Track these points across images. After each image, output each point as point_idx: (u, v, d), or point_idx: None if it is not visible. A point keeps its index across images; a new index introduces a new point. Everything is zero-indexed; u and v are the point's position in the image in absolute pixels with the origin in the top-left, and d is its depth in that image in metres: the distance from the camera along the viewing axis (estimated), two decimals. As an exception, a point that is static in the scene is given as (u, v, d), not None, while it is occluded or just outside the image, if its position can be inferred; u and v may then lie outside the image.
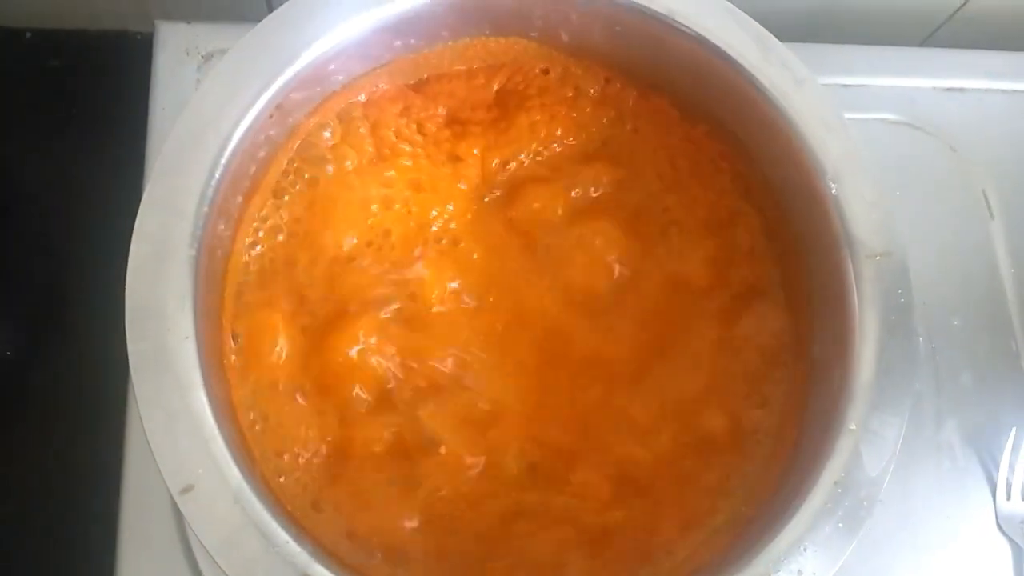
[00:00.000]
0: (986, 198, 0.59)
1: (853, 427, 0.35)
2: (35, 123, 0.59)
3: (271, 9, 0.59)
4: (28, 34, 0.61)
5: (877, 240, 0.37)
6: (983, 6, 0.65)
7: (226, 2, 0.59)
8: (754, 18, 0.62)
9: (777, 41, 0.39)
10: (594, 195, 0.44)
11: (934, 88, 0.61)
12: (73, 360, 0.53)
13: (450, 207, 0.43)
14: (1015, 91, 0.62)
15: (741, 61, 0.39)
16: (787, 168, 0.39)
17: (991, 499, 0.52)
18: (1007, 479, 0.52)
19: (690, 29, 0.39)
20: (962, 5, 0.65)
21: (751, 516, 0.37)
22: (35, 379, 0.53)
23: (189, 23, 0.54)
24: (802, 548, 0.33)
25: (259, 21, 0.44)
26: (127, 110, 0.53)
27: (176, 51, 0.53)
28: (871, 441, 0.35)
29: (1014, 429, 0.52)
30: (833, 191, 0.38)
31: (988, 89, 0.62)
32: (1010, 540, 0.51)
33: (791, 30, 0.63)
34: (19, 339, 0.54)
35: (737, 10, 0.40)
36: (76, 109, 0.59)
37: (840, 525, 0.34)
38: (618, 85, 0.45)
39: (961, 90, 0.62)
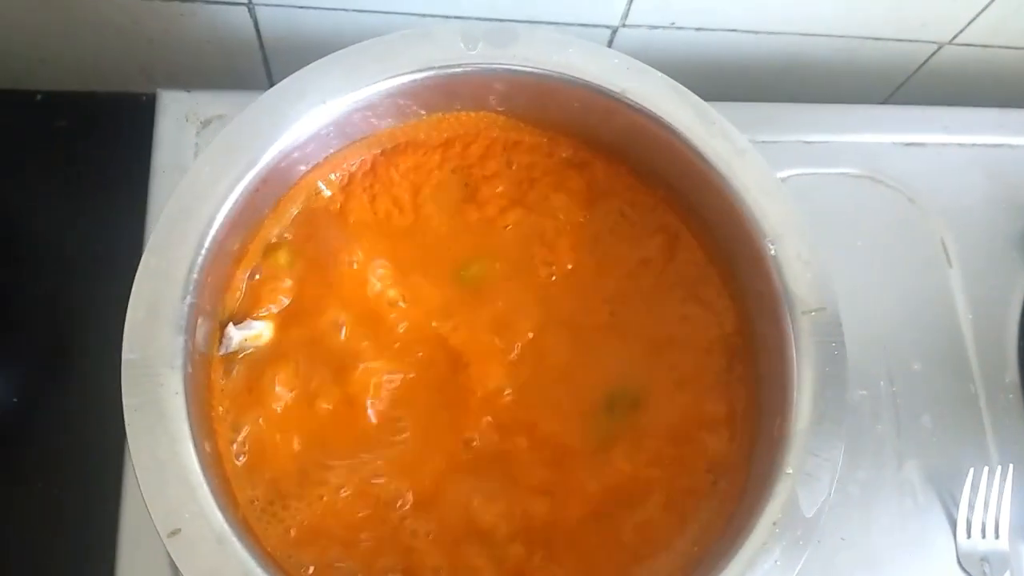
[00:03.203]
0: (945, 247, 0.61)
1: (790, 471, 0.38)
2: (44, 181, 0.62)
3: (269, 77, 0.64)
4: (39, 96, 0.64)
5: (812, 296, 0.40)
6: (942, 65, 0.69)
7: (224, 71, 0.63)
8: (721, 80, 0.66)
9: (719, 115, 0.43)
10: (568, 267, 0.48)
11: (894, 143, 0.64)
12: (75, 407, 0.55)
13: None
14: (971, 145, 0.65)
15: (686, 134, 0.42)
16: (732, 231, 0.43)
17: (951, 537, 0.53)
18: (967, 517, 0.53)
19: (641, 106, 0.43)
20: (922, 64, 0.69)
21: (699, 556, 0.39)
22: (40, 424, 0.55)
23: (189, 91, 0.57)
24: (742, 585, 0.36)
25: (256, 89, 0.48)
26: (130, 169, 0.55)
27: (176, 117, 0.56)
28: (807, 483, 0.37)
29: (972, 469, 0.54)
30: (772, 252, 0.41)
31: (945, 144, 0.65)
32: (970, 577, 0.52)
33: (761, 91, 0.68)
34: (26, 386, 0.56)
35: (683, 88, 0.43)
36: (83, 167, 0.62)
37: (778, 563, 0.36)
38: (583, 154, 0.48)
39: (920, 145, 0.65)
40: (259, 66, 0.63)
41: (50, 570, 0.51)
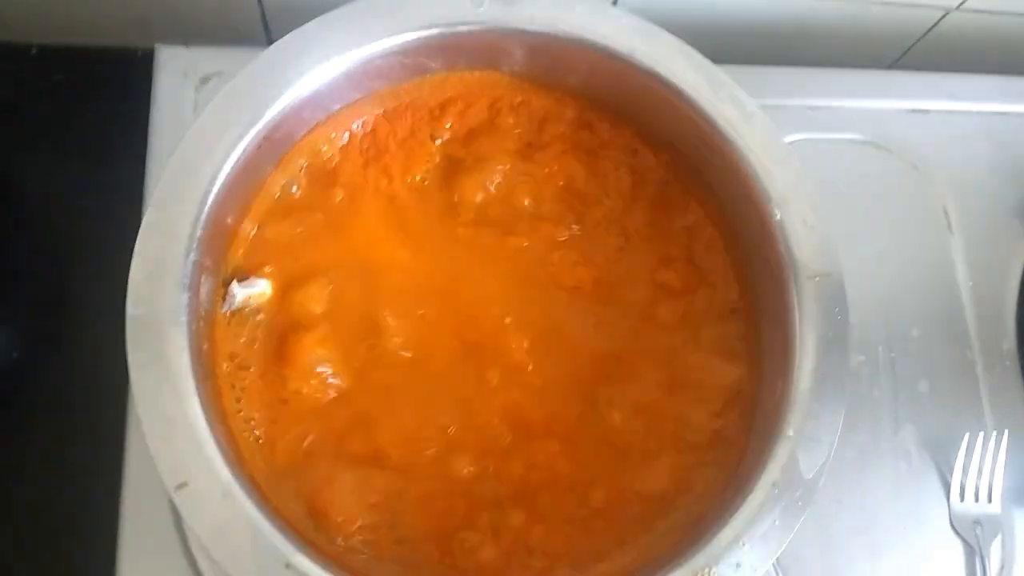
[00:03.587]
0: (946, 214, 0.62)
1: (791, 434, 0.38)
2: (40, 135, 0.61)
3: (268, 33, 0.63)
4: (34, 49, 0.64)
5: (817, 261, 0.40)
6: (948, 32, 0.68)
7: (223, 26, 0.62)
8: (727, 42, 0.65)
9: (728, 78, 0.42)
10: (572, 229, 0.48)
11: (898, 110, 0.64)
12: (76, 363, 0.55)
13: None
14: (976, 112, 0.65)
15: (694, 96, 0.42)
16: (738, 195, 0.43)
17: (945, 500, 0.54)
18: (960, 481, 0.54)
19: (649, 68, 0.42)
20: (928, 30, 0.68)
21: (700, 514, 0.40)
22: (41, 380, 0.55)
23: (188, 46, 0.56)
24: (741, 543, 0.37)
25: (254, 45, 0.47)
26: (128, 123, 0.55)
27: (175, 73, 0.55)
28: (807, 446, 0.38)
29: (967, 434, 0.55)
30: (778, 217, 0.41)
31: (950, 111, 0.65)
32: (963, 539, 0.54)
33: (766, 54, 0.67)
34: (26, 342, 0.57)
35: (692, 50, 0.43)
36: (80, 122, 0.62)
37: (776, 522, 0.37)
38: (588, 115, 0.48)
39: (924, 111, 0.65)
40: (257, 22, 0.63)
41: (53, 524, 0.52)
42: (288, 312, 0.42)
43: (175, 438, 0.34)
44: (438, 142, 0.48)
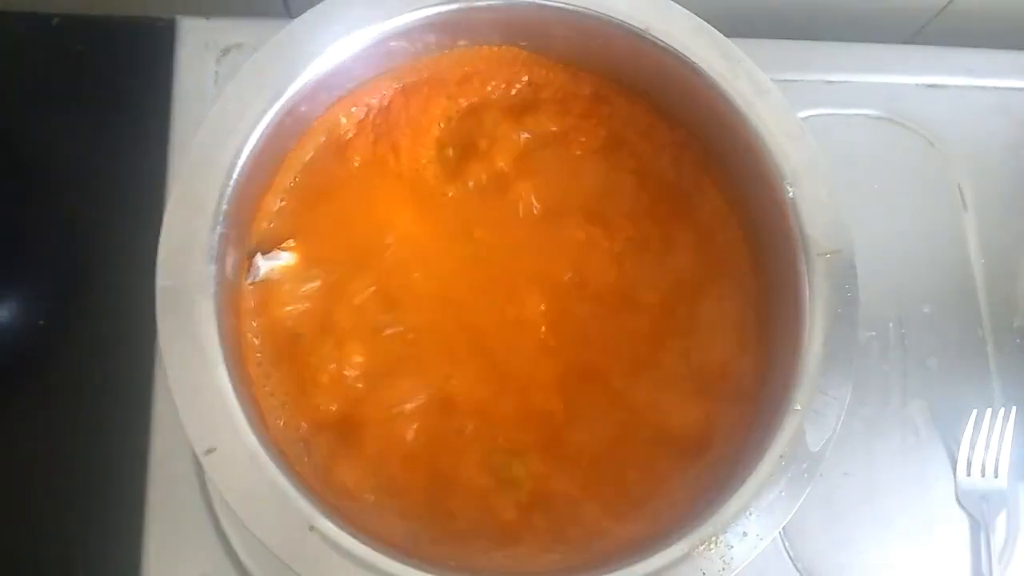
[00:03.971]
0: (961, 191, 0.62)
1: (799, 407, 0.39)
2: (62, 105, 0.61)
3: (287, 5, 0.63)
4: (55, 19, 0.64)
5: (828, 239, 0.41)
6: (967, 6, 0.67)
7: (243, -2, 0.62)
8: (743, 16, 0.65)
9: (742, 53, 0.43)
10: (588, 206, 0.48)
11: (915, 85, 0.64)
12: (102, 330, 0.55)
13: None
14: (993, 88, 0.65)
15: (710, 73, 0.42)
16: (751, 172, 0.43)
17: (951, 475, 0.55)
18: (967, 456, 0.55)
19: (664, 43, 0.43)
20: (948, 3, 0.67)
21: (708, 484, 0.41)
22: (66, 347, 0.56)
23: (208, 18, 0.57)
24: (748, 512, 0.38)
25: (272, 16, 0.47)
26: (149, 94, 0.56)
27: (196, 45, 0.56)
28: (814, 420, 0.39)
29: (975, 410, 0.55)
30: (791, 194, 0.41)
31: (967, 86, 0.64)
32: (968, 514, 0.54)
33: (782, 28, 0.67)
34: (51, 310, 0.57)
35: (708, 26, 0.43)
36: (101, 92, 0.62)
37: (783, 493, 0.38)
38: (604, 91, 0.48)
39: (942, 87, 0.64)
40: (277, -8, 0.63)
41: (80, 487, 0.53)
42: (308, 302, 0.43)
43: (203, 405, 0.35)
44: (450, 118, 0.48)
